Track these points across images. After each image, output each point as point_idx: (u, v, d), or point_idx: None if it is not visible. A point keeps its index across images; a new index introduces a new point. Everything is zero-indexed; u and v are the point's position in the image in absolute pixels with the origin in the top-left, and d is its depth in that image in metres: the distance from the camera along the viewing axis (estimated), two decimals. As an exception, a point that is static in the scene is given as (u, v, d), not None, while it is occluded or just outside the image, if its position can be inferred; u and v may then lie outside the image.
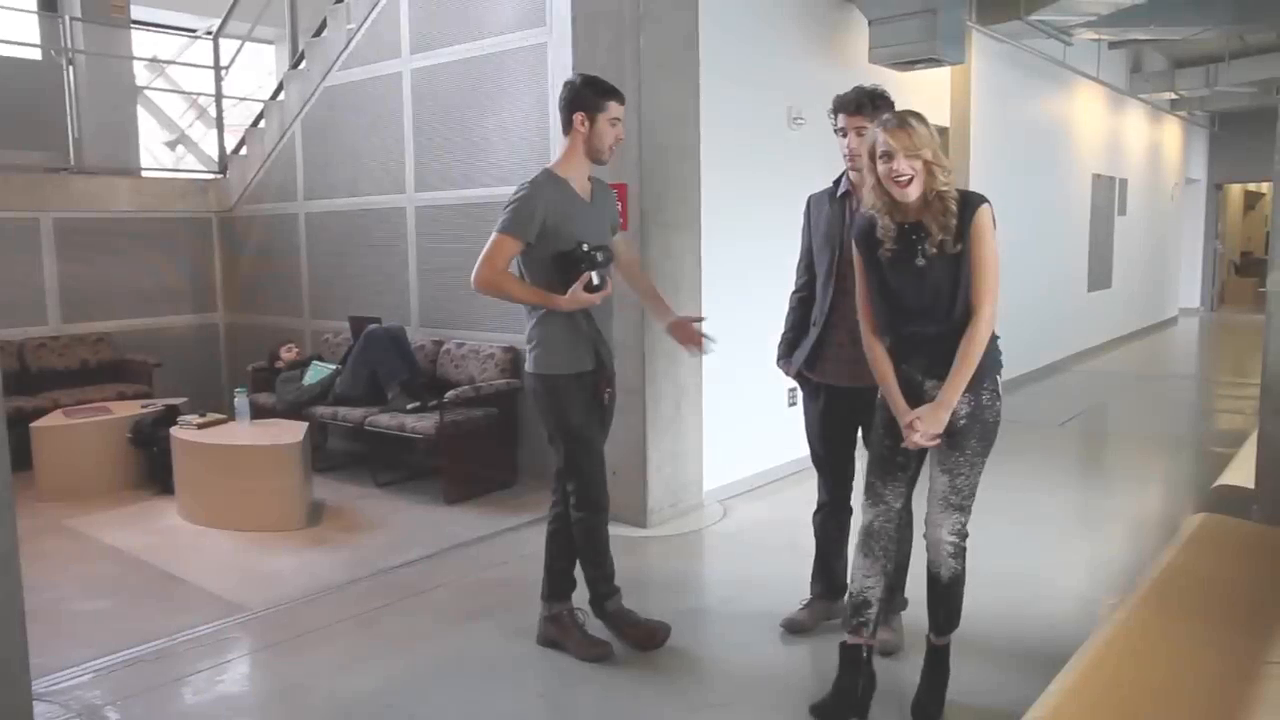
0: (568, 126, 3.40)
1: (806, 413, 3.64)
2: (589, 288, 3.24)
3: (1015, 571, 4.26)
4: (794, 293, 3.64)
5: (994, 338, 2.93)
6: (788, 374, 3.60)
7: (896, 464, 3.01)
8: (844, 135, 3.33)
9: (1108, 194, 11.74)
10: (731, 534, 5.05)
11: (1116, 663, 2.39)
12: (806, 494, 3.60)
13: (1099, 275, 11.63)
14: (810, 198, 3.59)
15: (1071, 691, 2.20)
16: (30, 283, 7.14)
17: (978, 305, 2.82)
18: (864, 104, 3.27)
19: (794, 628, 3.70)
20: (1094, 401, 9.20)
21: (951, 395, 2.83)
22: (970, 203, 2.84)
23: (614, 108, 3.38)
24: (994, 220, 2.87)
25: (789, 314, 3.65)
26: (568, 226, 3.32)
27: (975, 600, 3.12)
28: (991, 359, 2.90)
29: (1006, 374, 3.09)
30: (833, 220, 3.41)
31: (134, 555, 4.81)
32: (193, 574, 4.53)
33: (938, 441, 2.88)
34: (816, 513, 3.71)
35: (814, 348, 3.45)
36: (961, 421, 2.88)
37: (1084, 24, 8.29)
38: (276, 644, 3.78)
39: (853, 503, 3.60)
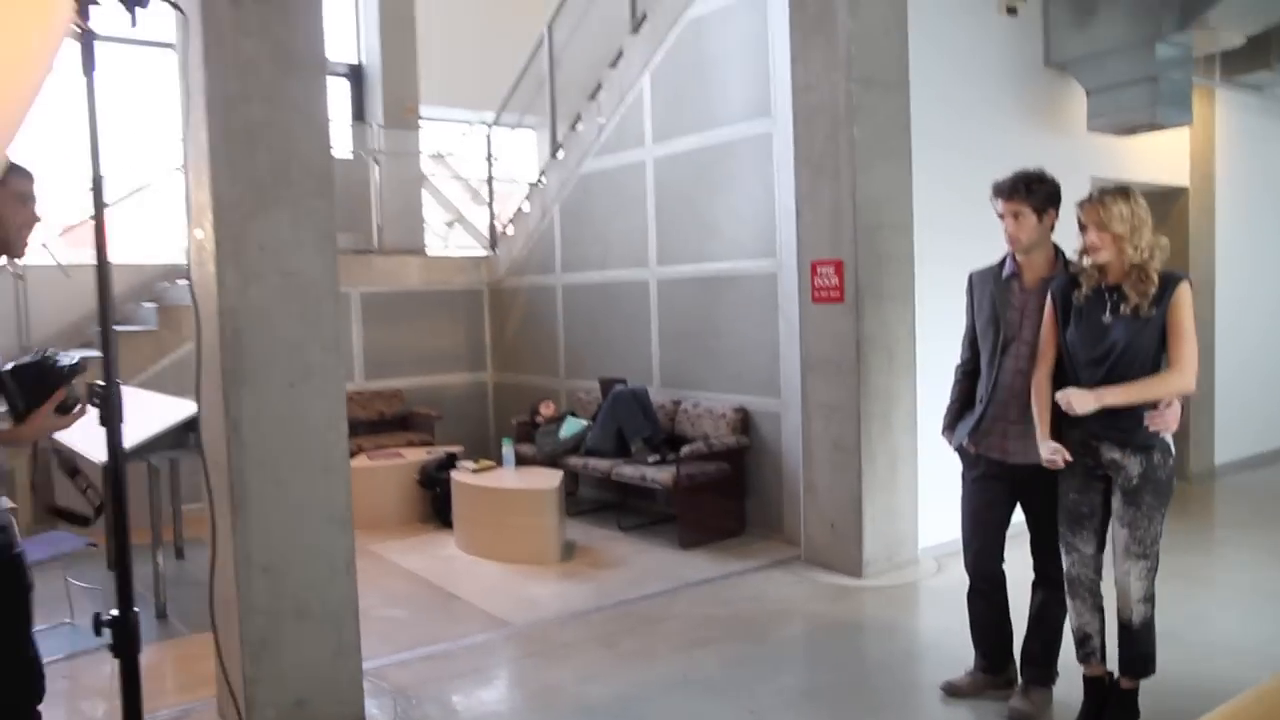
0: None
1: (964, 486, 3.81)
2: (65, 408, 2.30)
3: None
4: (959, 366, 3.85)
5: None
6: (950, 444, 3.80)
7: (1082, 514, 3.40)
8: (1002, 219, 3.56)
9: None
10: (943, 588, 5.32)
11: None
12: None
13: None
14: (973, 275, 3.78)
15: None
16: (343, 347, 8.54)
17: (1176, 363, 3.19)
18: (1017, 189, 3.50)
19: (951, 691, 3.86)
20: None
21: (1113, 396, 3.17)
22: (1172, 279, 3.23)
23: (15, 182, 2.36)
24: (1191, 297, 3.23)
25: (954, 386, 3.85)
26: None
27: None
28: None
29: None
30: (997, 301, 3.61)
31: (422, 576, 5.77)
32: (468, 594, 5.41)
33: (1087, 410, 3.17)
34: (968, 592, 3.86)
35: (979, 422, 3.63)
36: (1135, 481, 3.22)
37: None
38: (534, 654, 4.54)
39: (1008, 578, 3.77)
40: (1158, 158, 7.31)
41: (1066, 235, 3.63)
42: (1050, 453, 3.32)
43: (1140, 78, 6.24)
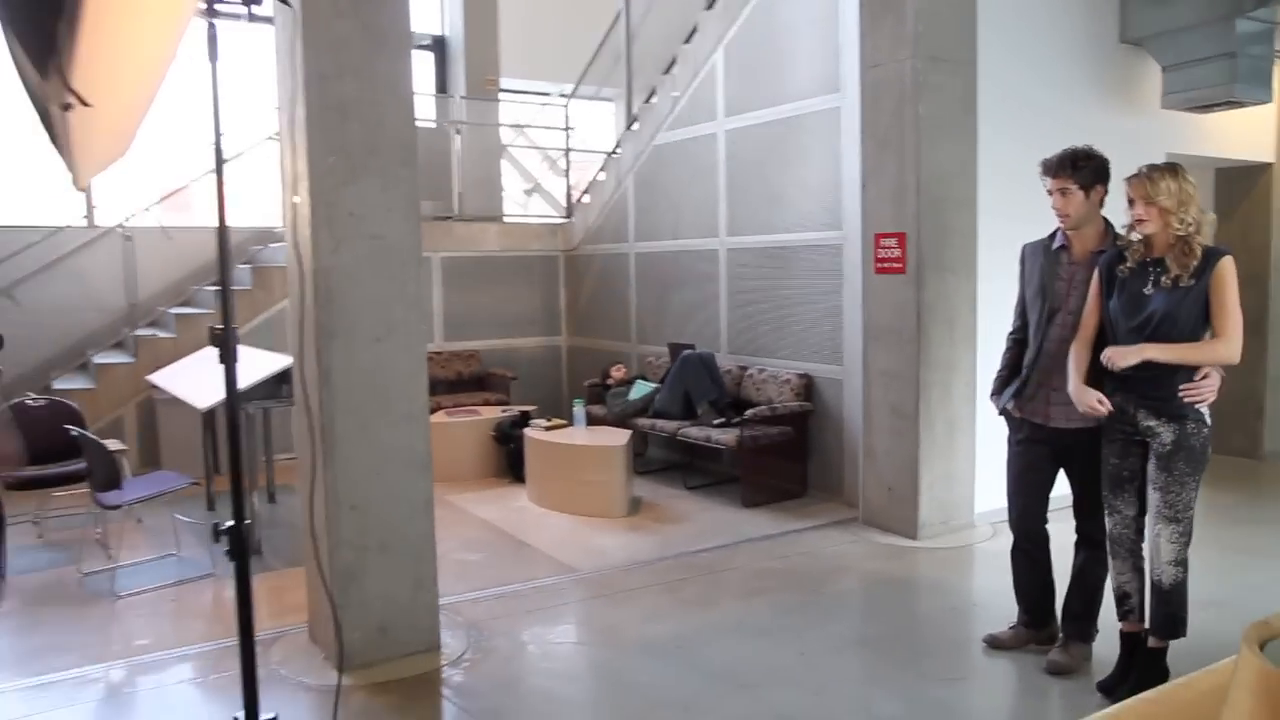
0: None
1: (1009, 449, 3.96)
2: None
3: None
4: (1009, 334, 4.00)
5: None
6: (997, 409, 3.95)
7: (1123, 478, 3.57)
8: (1050, 195, 3.67)
9: None
10: (997, 551, 5.41)
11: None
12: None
13: None
14: (1025, 247, 3.92)
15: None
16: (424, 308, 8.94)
17: (1221, 333, 3.32)
18: (1064, 165, 3.61)
19: (993, 643, 4.04)
20: None
21: (1155, 351, 3.30)
22: (1215, 253, 3.35)
23: None
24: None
25: (1004, 354, 3.99)
26: None
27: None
28: None
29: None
30: (1046, 272, 3.75)
31: (496, 525, 6.13)
32: (539, 542, 5.74)
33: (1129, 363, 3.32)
34: (1012, 550, 4.04)
35: (1023, 387, 3.78)
36: (1168, 447, 3.36)
37: None
38: (600, 597, 4.83)
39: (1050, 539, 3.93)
40: (1240, 134, 7.20)
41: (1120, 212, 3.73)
42: (1094, 400, 3.44)
43: (1218, 53, 6.13)
